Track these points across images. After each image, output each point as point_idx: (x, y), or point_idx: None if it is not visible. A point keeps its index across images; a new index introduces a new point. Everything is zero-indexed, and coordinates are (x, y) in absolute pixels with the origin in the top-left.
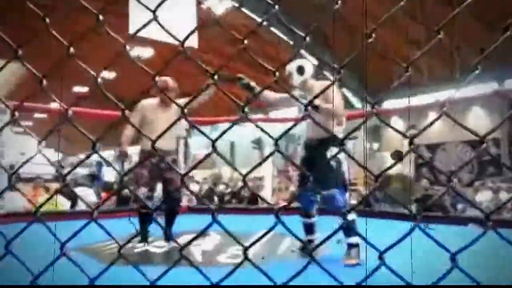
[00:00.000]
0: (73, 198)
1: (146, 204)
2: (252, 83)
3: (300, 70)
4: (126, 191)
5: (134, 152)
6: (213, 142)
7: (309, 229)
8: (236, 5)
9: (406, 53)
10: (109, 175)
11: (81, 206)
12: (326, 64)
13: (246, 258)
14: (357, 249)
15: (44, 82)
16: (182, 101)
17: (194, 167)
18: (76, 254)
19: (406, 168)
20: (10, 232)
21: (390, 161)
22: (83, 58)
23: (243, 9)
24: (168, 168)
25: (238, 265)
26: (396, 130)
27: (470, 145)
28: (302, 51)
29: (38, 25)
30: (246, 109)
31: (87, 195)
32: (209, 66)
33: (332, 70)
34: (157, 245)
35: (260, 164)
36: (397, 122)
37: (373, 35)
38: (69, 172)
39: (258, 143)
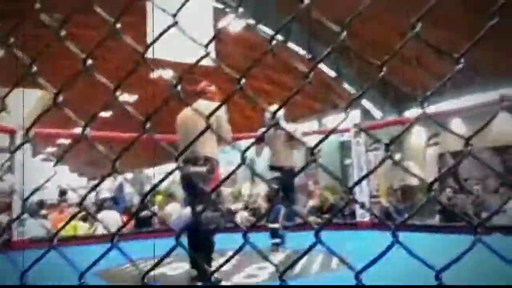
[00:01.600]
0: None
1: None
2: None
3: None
4: (145, 212)
5: (157, 172)
6: (243, 153)
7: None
8: (253, 22)
9: (428, 60)
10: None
11: (101, 230)
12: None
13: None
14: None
15: (60, 97)
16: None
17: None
18: (94, 281)
19: (430, 178)
20: (31, 258)
21: (413, 171)
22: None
23: (260, 26)
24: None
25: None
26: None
27: (496, 151)
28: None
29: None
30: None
31: (110, 218)
32: (227, 82)
33: (353, 82)
34: (173, 267)
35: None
36: (420, 131)
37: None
38: (84, 197)
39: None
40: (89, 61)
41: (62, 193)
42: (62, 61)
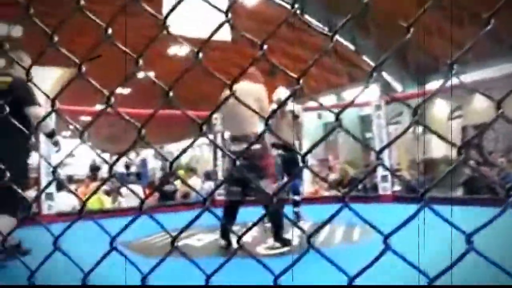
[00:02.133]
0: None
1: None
2: None
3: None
4: (168, 186)
5: (179, 148)
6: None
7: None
8: None
9: (449, 30)
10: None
11: (122, 204)
12: (365, 52)
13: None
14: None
15: (83, 68)
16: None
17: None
18: (122, 250)
19: (452, 151)
20: (59, 231)
21: (435, 143)
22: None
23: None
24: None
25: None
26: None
27: None
28: (338, 37)
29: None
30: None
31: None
32: (244, 58)
33: (372, 56)
34: (199, 238)
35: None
36: (442, 104)
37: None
38: (111, 167)
39: (297, 130)
40: (110, 30)
41: (95, 168)
42: (79, 38)
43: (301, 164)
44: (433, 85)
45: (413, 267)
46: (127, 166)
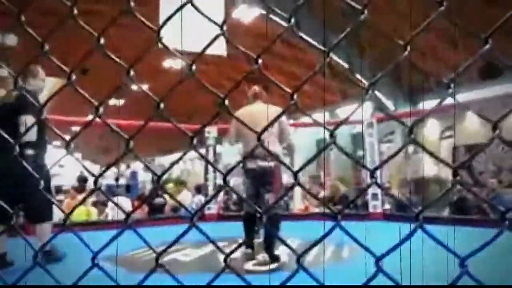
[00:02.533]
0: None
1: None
2: None
3: None
4: (157, 200)
5: (167, 161)
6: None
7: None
8: (265, 12)
9: (443, 52)
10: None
11: (109, 216)
12: (356, 72)
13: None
14: None
15: (73, 76)
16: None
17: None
18: (105, 265)
19: (443, 171)
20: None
21: (426, 163)
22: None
23: (272, 16)
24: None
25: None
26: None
27: (510, 145)
28: (332, 56)
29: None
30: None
31: (121, 204)
32: (239, 73)
33: (364, 77)
34: (186, 253)
35: (286, 194)
36: (433, 124)
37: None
38: (97, 179)
39: (289, 150)
40: (102, 40)
41: (82, 180)
42: (73, 45)
43: (292, 181)
44: (425, 104)
45: None
46: (117, 178)
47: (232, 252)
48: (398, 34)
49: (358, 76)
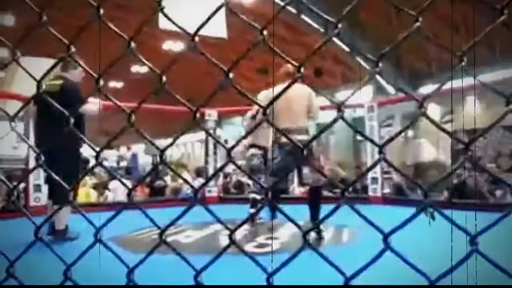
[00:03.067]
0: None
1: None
2: None
3: None
4: (157, 182)
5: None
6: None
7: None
8: None
9: (444, 36)
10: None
11: (109, 198)
12: (361, 54)
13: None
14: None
15: (73, 48)
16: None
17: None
18: (109, 245)
19: (442, 155)
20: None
21: (426, 148)
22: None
23: None
24: None
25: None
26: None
27: (508, 130)
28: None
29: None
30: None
31: (121, 186)
32: (236, 55)
33: (366, 59)
34: (187, 235)
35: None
36: (434, 108)
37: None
38: (98, 154)
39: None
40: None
41: (84, 161)
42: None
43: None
44: (426, 89)
45: (413, 268)
46: (118, 161)
47: (237, 228)
48: (399, 16)
49: (359, 59)
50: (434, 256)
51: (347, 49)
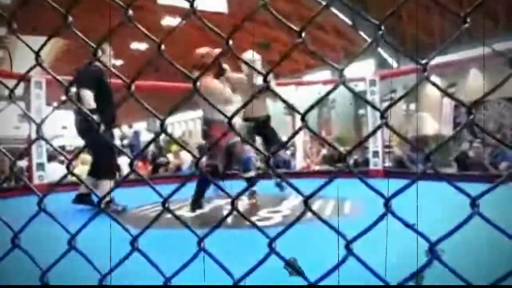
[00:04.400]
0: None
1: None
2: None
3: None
4: (161, 159)
5: (169, 121)
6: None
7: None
8: None
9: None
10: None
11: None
12: (364, 18)
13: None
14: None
15: (70, 18)
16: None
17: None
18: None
19: (444, 128)
20: (51, 200)
21: (428, 121)
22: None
23: None
24: None
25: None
26: None
27: (510, 102)
28: (334, 10)
29: None
30: (268, 78)
31: (124, 163)
32: (240, 31)
33: (368, 21)
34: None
35: (292, 137)
36: (435, 81)
37: None
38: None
39: (289, 109)
40: None
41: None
42: None
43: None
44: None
45: (415, 231)
46: (122, 138)
47: (240, 194)
48: None
49: (361, 33)
50: (436, 221)
51: (349, 22)
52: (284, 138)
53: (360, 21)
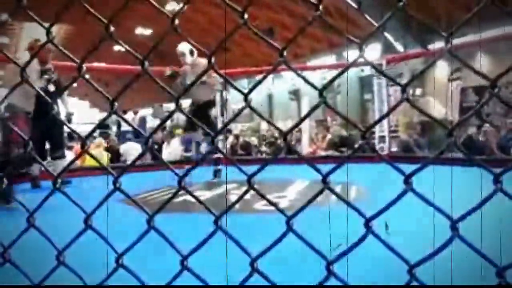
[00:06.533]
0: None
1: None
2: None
3: (192, 52)
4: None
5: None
6: (245, 95)
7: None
8: None
9: None
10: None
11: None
12: None
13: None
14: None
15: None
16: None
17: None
18: (119, 206)
19: (452, 112)
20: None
21: (435, 106)
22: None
23: None
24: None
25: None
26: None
27: None
28: None
29: None
30: (285, 53)
31: (132, 148)
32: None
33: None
34: (198, 195)
35: (303, 120)
36: (442, 65)
37: None
38: (93, 131)
39: (295, 94)
40: None
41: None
42: None
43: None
44: (436, 45)
45: (436, 209)
46: (119, 126)
47: (255, 173)
48: None
49: (367, 17)
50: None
51: (355, 6)
52: (289, 123)
53: (366, 4)
